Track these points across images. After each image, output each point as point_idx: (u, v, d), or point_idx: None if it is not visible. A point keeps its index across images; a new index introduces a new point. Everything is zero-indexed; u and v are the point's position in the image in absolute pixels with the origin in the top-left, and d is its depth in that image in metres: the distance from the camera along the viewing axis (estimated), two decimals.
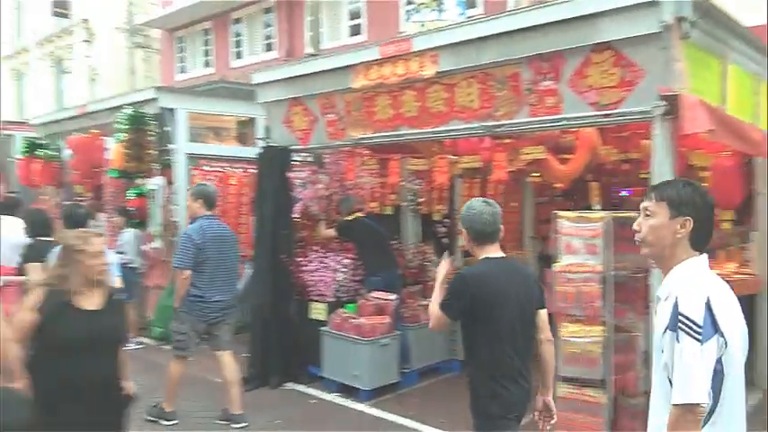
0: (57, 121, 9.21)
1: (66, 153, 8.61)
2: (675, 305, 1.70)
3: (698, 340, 1.65)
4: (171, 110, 7.03)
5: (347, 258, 5.58)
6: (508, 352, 2.59)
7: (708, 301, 1.69)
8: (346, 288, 5.54)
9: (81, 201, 8.70)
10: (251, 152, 7.65)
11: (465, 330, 2.69)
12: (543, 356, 2.77)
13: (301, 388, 5.46)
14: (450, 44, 4.29)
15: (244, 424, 4.64)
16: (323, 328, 5.38)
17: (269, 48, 13.87)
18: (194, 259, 4.49)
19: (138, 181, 7.38)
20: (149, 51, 18.27)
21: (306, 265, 5.72)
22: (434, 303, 2.71)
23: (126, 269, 6.98)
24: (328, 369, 5.34)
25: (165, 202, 7.24)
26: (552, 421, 2.76)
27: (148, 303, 7.49)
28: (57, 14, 17.90)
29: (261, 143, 6.16)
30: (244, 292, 7.34)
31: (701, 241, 1.83)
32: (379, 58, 4.67)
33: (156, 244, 7.21)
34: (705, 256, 1.84)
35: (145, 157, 7.08)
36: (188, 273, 4.51)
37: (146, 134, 7.03)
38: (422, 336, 5.50)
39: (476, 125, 4.27)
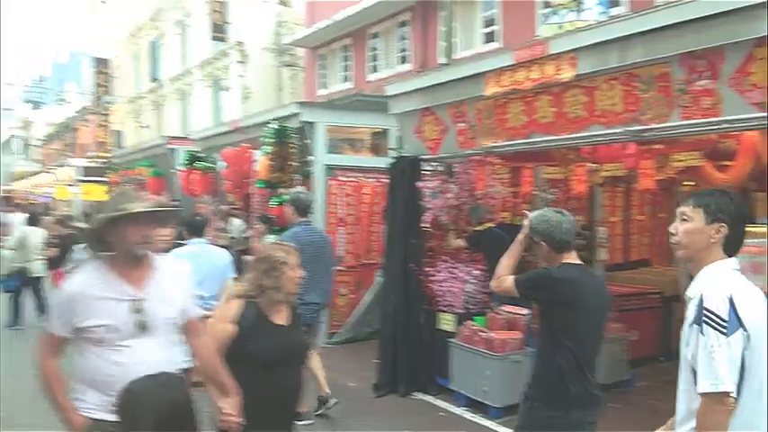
0: (213, 136, 10.13)
1: (221, 165, 9.43)
2: (700, 301, 1.82)
3: (723, 333, 1.76)
4: (311, 123, 7.41)
5: (477, 269, 5.48)
6: (581, 354, 2.70)
7: (731, 297, 1.79)
8: (475, 300, 5.43)
9: (234, 208, 9.48)
10: (384, 162, 7.84)
11: (542, 325, 2.85)
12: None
13: (429, 398, 5.44)
14: (591, 45, 4.04)
15: (309, 422, 4.67)
16: (451, 340, 5.32)
17: (403, 60, 14.15)
18: None
19: (281, 190, 7.86)
20: (295, 69, 19.50)
21: (435, 275, 5.70)
22: (508, 258, 3.01)
23: None
24: (457, 382, 5.26)
25: None
26: None
27: None
28: (215, 38, 19.71)
29: (393, 153, 6.27)
30: (374, 299, 7.54)
31: (732, 246, 1.96)
32: (513, 63, 4.54)
33: None
34: (734, 259, 1.96)
35: (287, 168, 7.53)
36: None
37: (288, 147, 7.48)
38: None
39: (619, 130, 3.98)
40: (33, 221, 9.46)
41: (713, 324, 1.79)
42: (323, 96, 16.11)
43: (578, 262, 2.83)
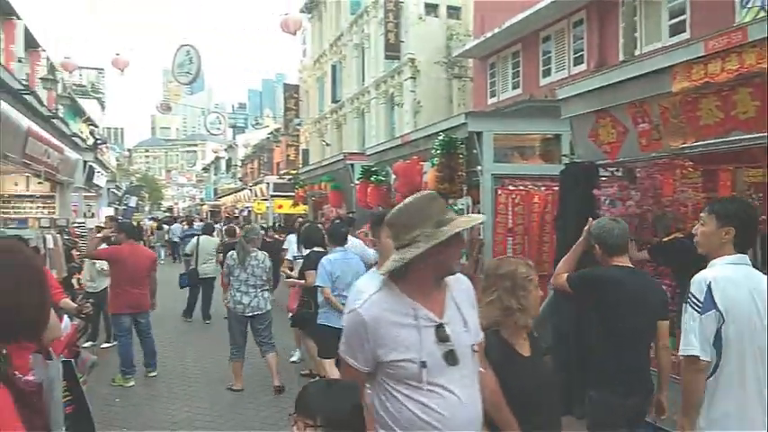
0: (385, 150, 10.55)
1: (392, 177, 9.77)
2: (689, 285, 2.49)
3: (698, 311, 2.41)
4: (479, 133, 7.35)
5: (663, 284, 4.93)
6: (628, 354, 3.06)
7: (710, 284, 2.40)
8: None
9: None
10: (555, 170, 7.49)
11: (595, 323, 3.32)
12: (659, 361, 3.26)
13: None
14: None
15: None
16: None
17: (578, 61, 13.44)
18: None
19: (450, 201, 7.91)
20: (464, 80, 19.62)
21: None
22: (568, 258, 3.76)
23: None
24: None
25: None
26: (663, 416, 3.19)
27: None
28: (389, 57, 20.62)
29: (565, 160, 5.95)
30: (543, 312, 7.19)
31: (743, 244, 2.54)
32: (705, 54, 4.03)
33: (462, 261, 7.59)
34: (741, 255, 2.51)
35: (455, 179, 7.54)
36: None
37: (456, 157, 7.50)
38: None
39: None
40: (208, 232, 11.44)
41: (691, 303, 2.44)
42: (492, 105, 15.94)
43: (628, 265, 3.26)
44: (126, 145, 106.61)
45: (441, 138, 7.54)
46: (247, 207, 27.92)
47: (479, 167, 7.36)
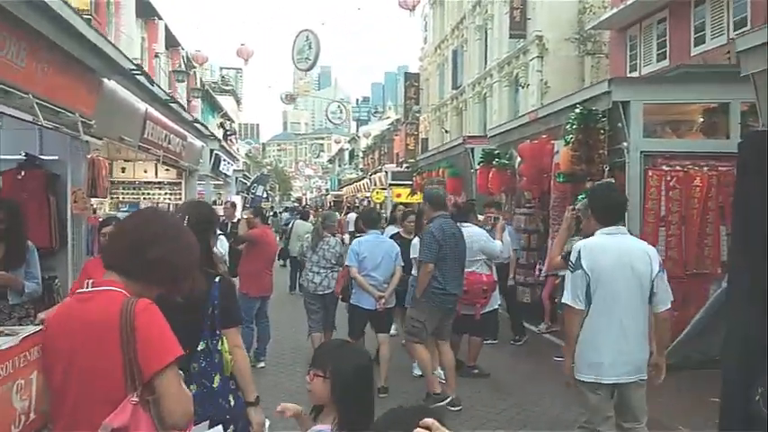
0: (509, 131, 9.58)
1: (517, 160, 8.81)
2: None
3: (571, 271, 3.26)
4: (625, 103, 6.21)
5: None
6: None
7: (579, 250, 3.25)
8: None
9: (529, 206, 8.77)
10: (723, 146, 6.17)
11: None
12: (656, 325, 3.49)
13: None
14: None
15: (460, 407, 5.19)
16: None
17: (739, 25, 11.40)
18: (436, 254, 5.06)
19: (588, 184, 6.82)
20: (598, 56, 17.83)
21: None
22: (556, 248, 4.49)
23: None
24: None
25: None
26: (661, 376, 3.45)
27: None
28: (514, 36, 19.31)
29: (745, 129, 4.72)
30: (709, 317, 5.92)
31: (602, 221, 3.37)
32: None
33: None
34: (617, 227, 3.36)
35: (595, 159, 6.47)
36: (431, 266, 5.07)
37: (596, 133, 6.42)
38: None
39: None
40: (304, 217, 13.19)
41: (569, 265, 3.30)
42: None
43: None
44: (261, 139, 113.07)
45: (577, 110, 6.49)
46: (367, 197, 27.97)
47: (625, 144, 6.23)
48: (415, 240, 5.68)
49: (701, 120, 6.91)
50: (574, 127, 6.48)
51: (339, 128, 57.30)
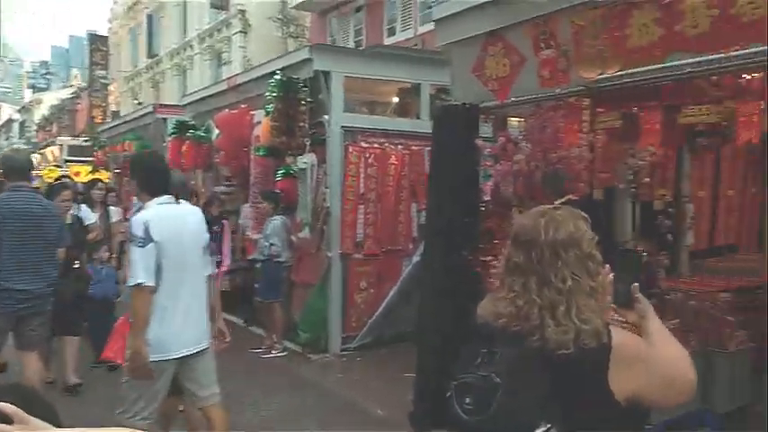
0: (206, 98, 8.59)
1: (215, 133, 7.90)
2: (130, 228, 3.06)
3: (140, 246, 2.90)
4: (326, 73, 5.86)
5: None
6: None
7: (146, 222, 2.92)
8: None
9: (228, 184, 7.96)
10: (415, 126, 6.34)
11: None
12: (211, 290, 3.34)
13: None
14: None
15: None
16: None
17: (426, 19, 12.46)
18: None
19: (288, 159, 6.34)
20: (300, 40, 17.88)
21: (496, 267, 4.16)
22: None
23: (272, 264, 5.98)
24: None
25: (314, 183, 6.13)
26: (227, 340, 3.37)
27: (295, 303, 6.44)
28: (215, 7, 18.14)
29: (438, 103, 4.74)
30: (401, 294, 6.07)
31: (151, 191, 3.09)
32: None
33: (305, 233, 6.12)
34: (166, 197, 3.09)
35: (296, 131, 5.99)
36: None
37: (297, 103, 5.94)
38: None
39: None
40: None
41: (135, 241, 2.92)
42: None
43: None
44: None
45: (277, 77, 5.92)
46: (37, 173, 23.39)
47: (326, 117, 5.90)
48: None
49: (396, 100, 7.06)
50: (274, 95, 5.90)
51: (8, 95, 47.44)
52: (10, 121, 54.93)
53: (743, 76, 3.14)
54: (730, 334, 4.14)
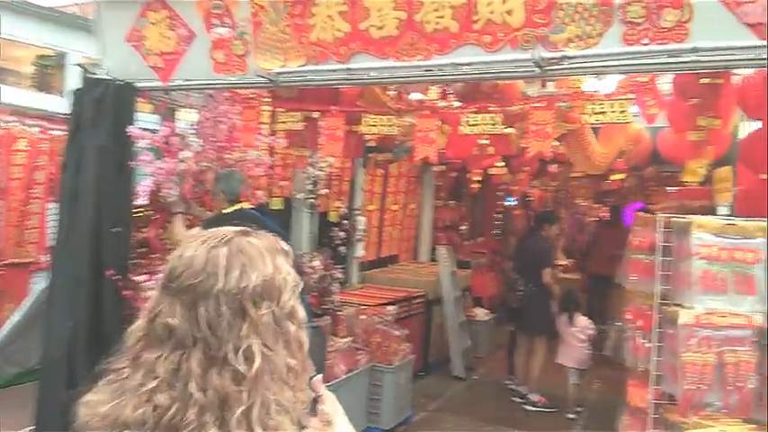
0: None
1: None
2: None
3: None
4: None
5: None
6: None
7: None
8: None
9: None
10: (57, 103, 5.07)
11: None
12: None
13: None
14: None
15: None
16: None
17: None
18: None
19: None
20: None
21: (151, 288, 3.36)
22: None
23: None
24: None
25: None
26: None
27: None
28: None
29: (81, 77, 3.68)
30: (28, 320, 4.69)
31: None
32: None
33: None
34: None
35: None
36: None
37: None
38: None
39: (519, 57, 2.41)
40: None
41: None
42: None
43: None
44: None
45: None
46: None
47: None
48: None
49: (33, 70, 5.53)
50: None
51: None
52: None
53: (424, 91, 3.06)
54: (396, 349, 4.20)
